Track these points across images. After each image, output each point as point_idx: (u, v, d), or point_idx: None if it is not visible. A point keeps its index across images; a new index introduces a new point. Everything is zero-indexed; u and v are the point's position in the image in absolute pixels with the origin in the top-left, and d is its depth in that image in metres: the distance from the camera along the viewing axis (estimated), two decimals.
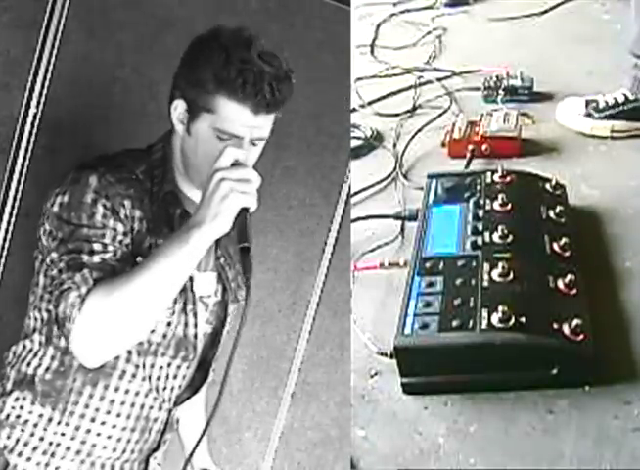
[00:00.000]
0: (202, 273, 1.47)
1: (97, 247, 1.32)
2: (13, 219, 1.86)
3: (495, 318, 1.37)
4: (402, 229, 1.88)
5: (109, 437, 1.43)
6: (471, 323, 1.39)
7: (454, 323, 1.39)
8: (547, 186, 1.83)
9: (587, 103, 2.26)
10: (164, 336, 1.41)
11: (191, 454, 1.55)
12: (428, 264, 1.57)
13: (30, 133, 1.83)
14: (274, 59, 1.35)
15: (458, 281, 1.49)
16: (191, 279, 1.42)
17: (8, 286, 1.89)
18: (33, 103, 1.82)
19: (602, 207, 1.88)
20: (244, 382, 2.26)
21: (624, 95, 2.21)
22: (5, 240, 1.86)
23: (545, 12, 3.19)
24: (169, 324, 1.41)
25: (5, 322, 1.90)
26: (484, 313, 1.40)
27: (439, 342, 1.39)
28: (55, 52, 1.81)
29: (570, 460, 1.25)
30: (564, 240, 1.59)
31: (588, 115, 2.24)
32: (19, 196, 1.85)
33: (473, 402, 1.38)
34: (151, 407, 1.45)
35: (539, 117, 2.37)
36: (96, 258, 1.30)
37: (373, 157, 2.30)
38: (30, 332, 1.45)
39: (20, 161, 1.84)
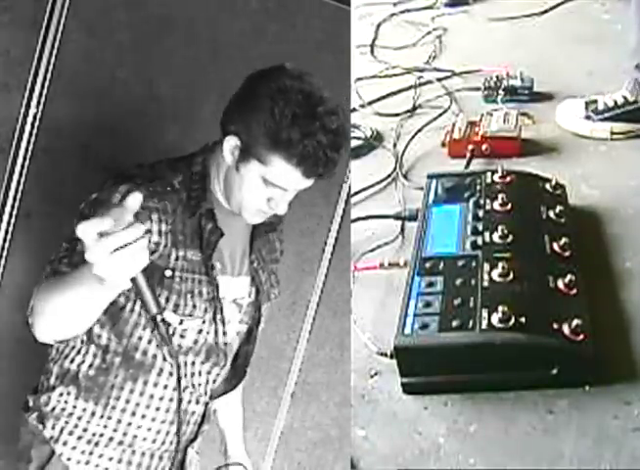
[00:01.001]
0: (236, 277, 1.52)
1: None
2: (13, 219, 1.86)
3: (495, 318, 1.37)
4: (402, 229, 1.88)
5: (149, 429, 1.49)
6: (471, 323, 1.39)
7: (454, 323, 1.39)
8: (547, 186, 1.83)
9: (586, 105, 2.26)
10: (195, 342, 1.47)
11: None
12: (428, 264, 1.56)
13: (30, 133, 1.83)
14: (334, 121, 1.35)
15: (458, 281, 1.49)
16: (217, 288, 1.46)
17: (8, 286, 1.90)
18: (33, 103, 1.82)
19: (602, 207, 1.88)
20: (244, 382, 2.26)
21: (624, 97, 2.21)
22: (5, 240, 1.87)
23: (545, 12, 3.18)
24: (200, 332, 1.46)
25: (5, 322, 1.90)
26: (484, 313, 1.39)
27: (439, 342, 1.39)
28: (55, 52, 1.81)
29: (570, 460, 1.25)
30: (564, 240, 1.59)
31: (587, 117, 2.24)
32: (19, 196, 1.86)
33: (473, 402, 1.38)
34: (189, 401, 1.51)
35: (539, 118, 2.37)
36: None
37: (373, 157, 2.30)
38: None
39: (20, 161, 1.84)
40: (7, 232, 1.86)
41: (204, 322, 1.46)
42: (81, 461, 1.48)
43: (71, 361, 1.49)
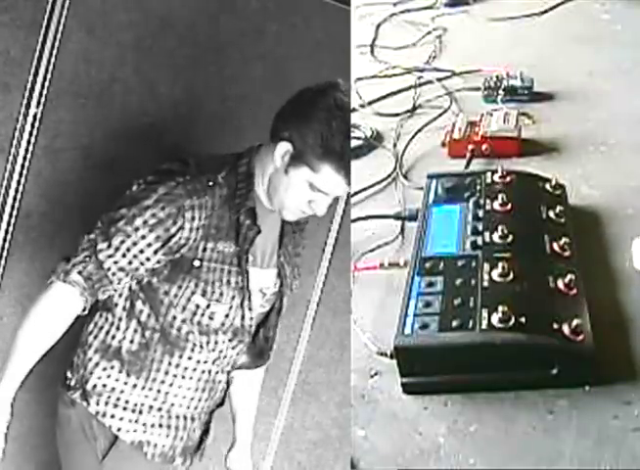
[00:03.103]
0: (264, 269, 1.66)
1: (115, 242, 1.50)
2: (13, 219, 1.86)
3: (495, 318, 1.37)
4: (402, 229, 1.88)
5: (183, 397, 1.64)
6: (471, 323, 1.39)
7: (454, 323, 1.39)
8: (547, 186, 1.83)
9: None
10: (223, 324, 1.61)
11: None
12: (428, 264, 1.56)
13: (30, 133, 1.83)
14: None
15: (458, 281, 1.49)
16: (247, 278, 1.60)
17: (8, 286, 1.89)
18: (33, 103, 1.82)
19: (602, 207, 1.88)
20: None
21: None
22: (5, 240, 1.87)
23: (545, 12, 3.18)
24: (227, 315, 1.61)
25: (5, 322, 1.90)
26: (484, 313, 1.39)
27: (439, 342, 1.38)
28: (55, 52, 1.81)
29: (570, 460, 1.25)
30: (564, 240, 1.59)
31: None
32: (19, 196, 1.85)
33: (473, 402, 1.38)
34: (217, 372, 1.67)
35: (539, 117, 2.37)
36: (101, 256, 1.50)
37: (373, 157, 2.29)
38: (112, 306, 1.61)
39: (20, 161, 1.84)
40: (7, 232, 1.86)
41: (231, 308, 1.60)
42: (130, 430, 1.61)
43: (113, 337, 1.61)
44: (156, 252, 1.52)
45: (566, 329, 1.37)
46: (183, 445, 1.69)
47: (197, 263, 1.54)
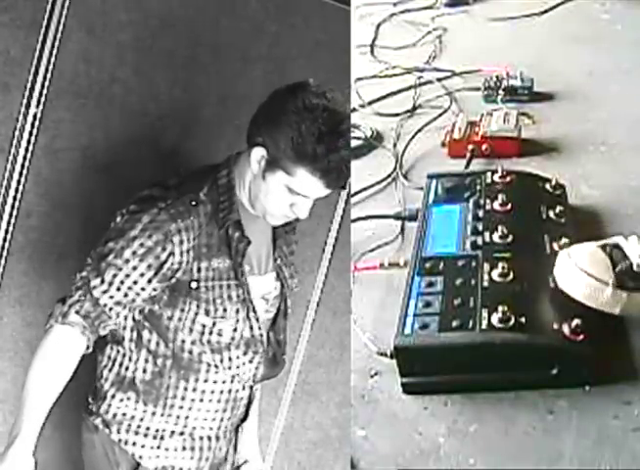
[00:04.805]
0: (263, 275, 1.64)
1: (107, 277, 1.48)
2: (13, 219, 1.86)
3: (495, 318, 1.38)
4: (402, 229, 1.88)
5: (204, 419, 1.62)
6: (471, 323, 1.39)
7: (454, 323, 1.39)
8: (547, 186, 1.83)
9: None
10: (233, 338, 1.59)
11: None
12: (428, 264, 1.57)
13: (30, 133, 1.83)
14: (349, 134, 1.50)
15: (458, 281, 1.49)
16: (248, 289, 1.58)
17: (8, 286, 1.89)
18: (33, 103, 1.82)
19: (602, 207, 1.88)
20: None
21: None
22: (5, 240, 1.87)
23: (545, 12, 3.18)
24: (235, 329, 1.58)
25: (5, 322, 1.90)
26: (484, 313, 1.40)
27: (439, 342, 1.39)
28: (55, 52, 1.81)
29: (570, 460, 1.25)
30: (564, 240, 1.59)
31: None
32: (19, 196, 1.85)
33: (473, 402, 1.38)
34: (237, 390, 1.64)
35: (539, 117, 2.37)
36: (96, 293, 1.48)
37: (373, 157, 2.29)
38: (120, 339, 1.59)
39: (20, 161, 1.84)
40: (7, 232, 1.86)
41: (237, 321, 1.58)
42: (152, 456, 1.60)
43: (126, 368, 1.60)
44: (149, 281, 1.49)
45: (566, 329, 1.37)
46: (210, 463, 1.67)
47: (194, 285, 1.52)
